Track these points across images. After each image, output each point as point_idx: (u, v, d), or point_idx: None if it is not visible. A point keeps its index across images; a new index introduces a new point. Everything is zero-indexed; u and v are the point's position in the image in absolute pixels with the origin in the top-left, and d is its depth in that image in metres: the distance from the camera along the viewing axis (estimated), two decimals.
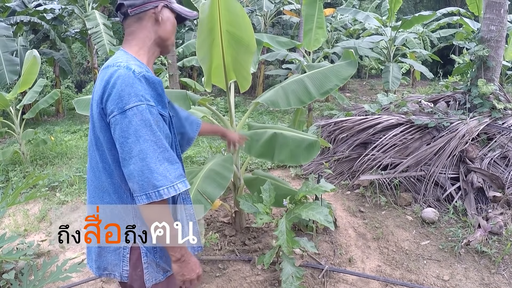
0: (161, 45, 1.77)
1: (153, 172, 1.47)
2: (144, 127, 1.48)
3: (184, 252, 1.65)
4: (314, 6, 6.90)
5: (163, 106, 1.61)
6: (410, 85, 17.34)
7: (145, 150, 1.47)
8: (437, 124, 5.18)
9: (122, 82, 1.50)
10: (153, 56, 1.78)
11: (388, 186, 4.90)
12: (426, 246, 3.95)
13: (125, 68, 1.53)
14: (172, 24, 1.77)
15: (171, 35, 1.77)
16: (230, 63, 3.05)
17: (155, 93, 1.57)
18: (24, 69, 6.83)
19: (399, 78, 10.06)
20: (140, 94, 1.50)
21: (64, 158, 7.52)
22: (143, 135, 1.48)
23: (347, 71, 3.43)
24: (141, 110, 1.48)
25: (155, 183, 1.47)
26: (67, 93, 16.19)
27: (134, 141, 1.48)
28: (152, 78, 1.56)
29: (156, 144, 1.50)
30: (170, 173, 1.50)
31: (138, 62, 1.63)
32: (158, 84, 1.58)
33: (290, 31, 16.15)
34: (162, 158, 1.50)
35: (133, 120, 1.47)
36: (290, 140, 3.11)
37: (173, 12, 1.77)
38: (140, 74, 1.53)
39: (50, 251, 4.08)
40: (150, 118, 1.50)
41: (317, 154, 3.18)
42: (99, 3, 12.85)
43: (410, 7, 25.70)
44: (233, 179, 3.83)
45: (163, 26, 1.73)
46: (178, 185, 1.52)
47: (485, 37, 5.67)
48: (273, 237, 3.93)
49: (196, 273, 1.69)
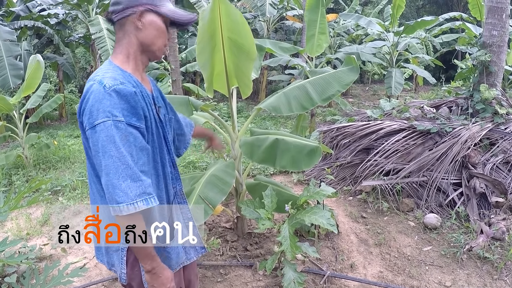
0: (146, 51, 1.74)
1: (115, 188, 1.49)
2: (108, 143, 1.50)
3: (155, 265, 1.67)
4: (316, 12, 6.92)
5: (138, 118, 1.59)
6: (413, 90, 17.32)
7: (109, 166, 1.50)
8: (439, 129, 5.18)
9: (93, 97, 1.52)
10: (141, 63, 1.76)
11: (390, 192, 4.90)
12: (428, 252, 3.95)
13: (98, 82, 1.55)
14: (157, 28, 1.71)
15: (155, 39, 1.72)
16: (232, 69, 3.06)
17: (127, 105, 1.56)
18: (28, 73, 6.85)
19: (402, 84, 10.07)
20: (107, 110, 1.50)
21: (67, 163, 7.54)
22: (108, 151, 1.50)
23: (349, 77, 3.45)
24: (107, 126, 1.50)
25: (116, 199, 1.49)
26: (70, 98, 16.24)
27: (101, 156, 1.51)
28: (124, 90, 1.55)
29: (120, 161, 1.50)
30: (132, 191, 1.50)
31: (118, 72, 1.63)
32: (130, 96, 1.56)
33: (293, 36, 16.18)
34: (125, 175, 1.50)
35: (100, 136, 1.50)
36: (291, 146, 3.12)
37: (160, 16, 1.72)
38: (111, 88, 1.53)
39: (52, 255, 4.09)
40: (115, 134, 1.50)
41: (318, 160, 3.18)
42: (102, 9, 12.91)
43: (412, 12, 25.75)
44: (235, 185, 3.84)
45: (145, 31, 1.69)
46: (138, 203, 1.51)
47: (487, 42, 5.68)
48: (275, 242, 3.93)
49: (166, 287, 1.71)
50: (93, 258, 3.99)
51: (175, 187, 1.90)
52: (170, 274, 1.73)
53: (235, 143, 3.68)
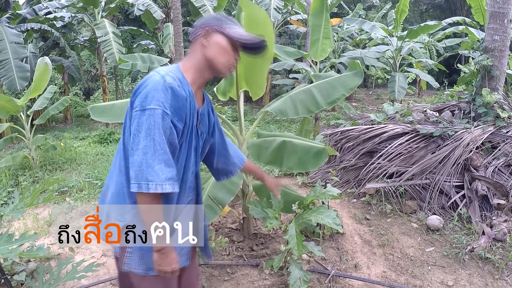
0: (210, 67, 1.88)
1: (149, 167, 1.63)
2: (154, 128, 1.65)
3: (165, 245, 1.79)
4: (321, 17, 6.97)
5: (179, 118, 1.74)
6: (416, 95, 17.37)
7: (149, 147, 1.64)
8: (442, 133, 5.24)
9: (152, 85, 1.68)
10: (201, 76, 1.90)
11: (393, 194, 4.96)
12: (430, 253, 4.00)
13: (160, 76, 1.71)
14: (221, 46, 1.86)
15: (219, 56, 1.86)
16: (242, 73, 3.13)
17: (176, 104, 1.71)
18: (36, 75, 6.93)
19: (405, 88, 10.12)
20: (161, 101, 1.66)
21: (73, 164, 7.62)
22: (152, 134, 1.64)
23: (354, 81, 3.52)
24: (157, 113, 1.65)
25: (148, 177, 1.63)
26: (75, 100, 16.34)
27: (143, 136, 1.65)
28: (178, 91, 1.71)
29: (160, 145, 1.65)
30: (163, 173, 1.65)
31: (179, 76, 1.79)
32: (180, 98, 1.72)
33: (297, 40, 16.26)
34: (161, 159, 1.65)
35: (148, 118, 1.65)
36: (299, 148, 3.18)
37: (226, 37, 1.87)
38: (169, 84, 1.69)
39: (60, 254, 4.14)
40: (161, 122, 1.66)
41: (324, 161, 3.25)
42: (108, 12, 13.01)
43: (416, 16, 25.79)
44: (242, 186, 3.90)
45: (209, 48, 1.84)
46: (166, 185, 1.65)
47: (489, 47, 5.74)
48: (281, 242, 4.00)
49: (171, 268, 1.82)
50: (101, 258, 4.06)
51: (190, 195, 2.02)
52: (176, 256, 1.85)
53: (242, 146, 3.75)
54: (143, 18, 13.61)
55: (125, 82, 19.78)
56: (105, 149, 8.95)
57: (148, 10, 12.28)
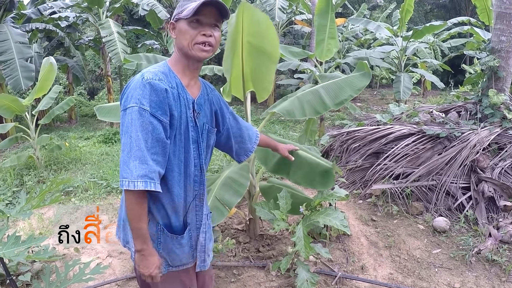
0: (183, 54, 1.85)
1: (124, 164, 1.67)
2: (131, 126, 1.68)
3: (145, 247, 1.79)
4: (326, 17, 6.95)
5: (163, 113, 1.73)
6: (421, 95, 17.32)
7: (126, 144, 1.68)
8: (448, 134, 5.22)
9: (133, 85, 1.74)
10: (186, 66, 1.89)
11: (400, 196, 4.94)
12: (437, 255, 3.99)
13: (140, 74, 1.74)
14: (181, 32, 1.82)
15: (181, 41, 1.82)
16: (248, 73, 3.11)
17: (156, 98, 1.71)
18: (41, 75, 6.94)
19: (410, 88, 10.09)
20: (137, 98, 1.69)
21: (78, 164, 7.63)
22: (129, 132, 1.68)
23: (361, 82, 3.49)
24: (134, 111, 1.68)
25: (123, 174, 1.66)
26: (79, 100, 16.40)
27: (123, 135, 1.70)
28: (156, 85, 1.71)
29: (135, 142, 1.66)
30: (136, 170, 1.65)
31: (164, 69, 1.82)
32: (160, 92, 1.71)
33: (302, 40, 16.24)
34: (135, 156, 1.66)
35: (127, 117, 1.69)
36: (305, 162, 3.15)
37: (184, 20, 1.81)
38: (147, 80, 1.71)
39: (65, 255, 4.15)
40: (137, 119, 1.67)
41: (333, 183, 3.23)
42: (113, 12, 13.04)
43: (420, 16, 25.76)
44: (248, 187, 3.89)
45: (179, 37, 1.83)
46: (138, 183, 1.64)
47: (495, 48, 5.71)
48: (287, 243, 3.99)
49: (149, 271, 1.82)
50: (106, 258, 4.06)
51: (197, 189, 1.98)
52: (157, 260, 1.84)
53: None
54: (147, 18, 13.64)
55: None
56: (110, 149, 8.96)
57: (152, 10, 12.30)
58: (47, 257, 2.38)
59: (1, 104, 6.67)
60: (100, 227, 4.75)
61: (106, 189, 6.04)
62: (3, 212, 2.75)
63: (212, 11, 1.80)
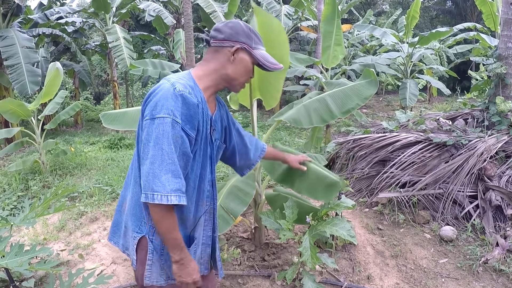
0: (227, 82, 1.87)
1: (155, 178, 1.61)
2: (162, 137, 1.63)
3: (184, 256, 1.77)
4: (332, 24, 6.94)
5: (191, 127, 1.72)
6: (427, 101, 17.28)
7: (156, 156, 1.62)
8: (455, 142, 5.18)
9: (162, 94, 1.67)
10: (215, 86, 1.88)
11: (406, 204, 4.90)
12: (444, 264, 3.95)
13: (170, 84, 1.70)
14: (245, 67, 1.85)
15: (240, 76, 1.86)
16: (256, 82, 3.10)
17: (187, 112, 1.69)
18: (47, 80, 6.97)
19: (416, 95, 10.07)
20: (170, 109, 1.64)
21: (83, 169, 7.63)
22: (160, 143, 1.63)
23: (368, 90, 3.46)
24: (166, 122, 1.64)
25: (153, 187, 1.61)
26: (85, 105, 16.48)
27: (152, 145, 1.64)
28: (189, 99, 1.69)
29: (168, 155, 1.63)
30: (170, 184, 1.62)
31: (191, 83, 1.78)
32: (192, 106, 1.69)
33: (307, 47, 16.27)
34: (168, 169, 1.63)
35: (157, 127, 1.64)
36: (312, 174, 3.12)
37: (252, 57, 1.85)
38: (180, 92, 1.67)
39: (69, 261, 4.14)
40: (170, 131, 1.64)
41: (336, 195, 3.20)
42: (119, 17, 13.11)
43: (426, 22, 25.75)
44: (254, 195, 3.86)
45: (235, 65, 1.83)
46: (171, 197, 1.62)
47: (502, 55, 5.68)
48: (293, 253, 3.96)
49: (192, 278, 1.80)
50: (110, 265, 4.04)
51: (208, 204, 1.98)
52: (196, 266, 1.83)
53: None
54: (154, 24, 13.72)
55: (135, 87, 19.93)
56: (116, 154, 8.97)
57: (159, 16, 12.37)
58: (50, 268, 2.36)
59: (7, 108, 6.71)
60: (104, 234, 4.77)
61: (111, 195, 6.04)
62: (6, 220, 2.75)
63: None
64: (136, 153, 1.83)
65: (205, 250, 2.04)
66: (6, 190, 6.47)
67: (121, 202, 2.00)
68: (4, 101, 6.74)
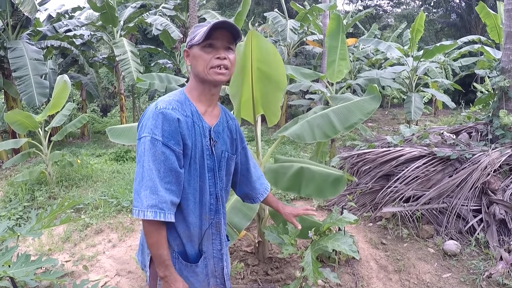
0: (199, 80, 1.84)
1: (136, 193, 1.69)
2: (143, 155, 1.70)
3: (168, 274, 1.79)
4: (337, 38, 6.99)
5: (175, 142, 1.73)
6: (432, 114, 17.27)
7: (138, 173, 1.71)
8: (459, 156, 5.18)
9: (147, 115, 1.76)
10: (202, 93, 1.87)
11: (410, 218, 4.90)
12: (447, 279, 3.94)
13: (155, 103, 1.76)
14: (195, 57, 1.81)
15: (196, 66, 1.81)
16: (258, 98, 3.15)
17: (168, 128, 1.71)
18: (55, 93, 7.06)
19: (421, 108, 10.08)
20: (150, 128, 1.70)
21: (89, 181, 7.69)
22: (141, 161, 1.70)
23: (371, 105, 3.50)
24: (146, 140, 1.70)
25: (134, 203, 1.68)
26: (92, 117, 16.59)
27: (137, 164, 1.74)
28: (169, 115, 1.71)
29: (146, 172, 1.68)
30: (146, 200, 1.66)
31: (181, 98, 1.83)
32: (172, 121, 1.71)
33: (313, 61, 16.33)
34: (147, 185, 1.67)
35: (140, 147, 1.72)
36: (316, 175, 3.17)
37: (197, 45, 1.80)
38: (160, 110, 1.71)
39: (73, 272, 4.16)
40: (149, 149, 1.69)
41: (343, 189, 3.23)
42: (127, 31, 13.26)
43: (431, 35, 25.82)
44: (258, 210, 3.90)
45: (193, 63, 1.82)
46: (147, 212, 1.65)
47: (506, 68, 5.70)
48: (296, 267, 3.97)
49: None
50: (114, 277, 4.06)
51: (213, 218, 1.97)
52: (181, 286, 1.82)
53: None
54: (161, 38, 13.86)
55: (142, 100, 20.04)
56: (121, 167, 9.02)
57: (166, 30, 12.50)
58: (54, 278, 2.39)
59: (15, 119, 6.80)
60: (109, 246, 4.81)
61: (117, 207, 6.08)
62: (13, 231, 2.79)
63: (224, 33, 1.77)
64: None
65: (218, 264, 2.05)
66: (12, 200, 6.54)
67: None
68: (12, 112, 6.84)
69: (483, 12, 9.57)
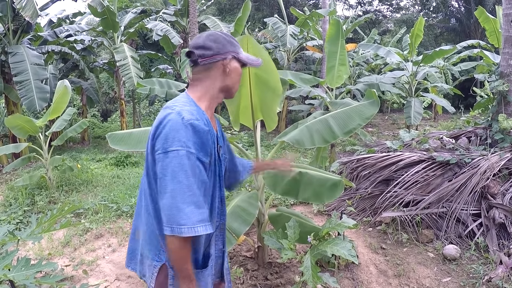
0: (226, 92, 1.90)
1: (180, 211, 1.61)
2: (180, 170, 1.63)
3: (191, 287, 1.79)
4: (336, 44, 7.02)
5: (205, 154, 1.73)
6: (432, 119, 17.29)
7: (177, 190, 1.62)
8: (458, 160, 5.19)
9: (171, 126, 1.67)
10: (215, 101, 1.91)
11: (410, 223, 4.90)
12: (447, 283, 3.94)
13: (176, 113, 1.69)
14: (238, 73, 1.90)
15: (236, 83, 1.90)
16: (257, 103, 3.17)
17: (199, 140, 1.69)
18: (55, 98, 7.07)
19: (421, 113, 10.09)
20: (183, 140, 1.65)
21: (89, 186, 7.69)
22: (178, 176, 1.63)
23: (370, 110, 3.52)
24: (180, 154, 1.64)
25: (179, 221, 1.61)
26: (92, 122, 16.60)
27: (169, 179, 1.63)
28: (198, 127, 1.69)
29: (188, 188, 1.63)
30: (194, 216, 1.63)
31: (194, 107, 1.78)
32: (203, 133, 1.70)
33: (313, 66, 16.37)
34: (190, 201, 1.63)
35: (172, 161, 1.63)
36: (314, 180, 3.18)
37: (239, 61, 1.90)
38: (188, 121, 1.67)
39: (73, 276, 4.17)
40: (187, 163, 1.64)
41: (340, 193, 3.25)
42: (127, 36, 13.29)
43: (430, 40, 25.85)
44: (257, 215, 3.89)
45: (230, 76, 1.86)
46: (198, 228, 1.64)
47: (504, 72, 5.71)
48: (295, 272, 3.97)
49: None
50: (114, 282, 4.07)
51: (218, 221, 2.01)
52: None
53: (258, 175, 3.76)
54: (161, 43, 13.90)
55: (142, 105, 20.06)
56: (122, 172, 9.02)
57: (166, 36, 12.53)
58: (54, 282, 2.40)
59: (15, 124, 6.82)
60: (109, 250, 4.81)
61: (117, 212, 6.08)
62: (13, 235, 2.80)
63: None
64: (147, 183, 1.84)
65: (217, 261, 2.09)
66: (13, 204, 6.55)
67: (133, 230, 2.01)
68: (12, 116, 6.85)
69: (482, 16, 9.60)
